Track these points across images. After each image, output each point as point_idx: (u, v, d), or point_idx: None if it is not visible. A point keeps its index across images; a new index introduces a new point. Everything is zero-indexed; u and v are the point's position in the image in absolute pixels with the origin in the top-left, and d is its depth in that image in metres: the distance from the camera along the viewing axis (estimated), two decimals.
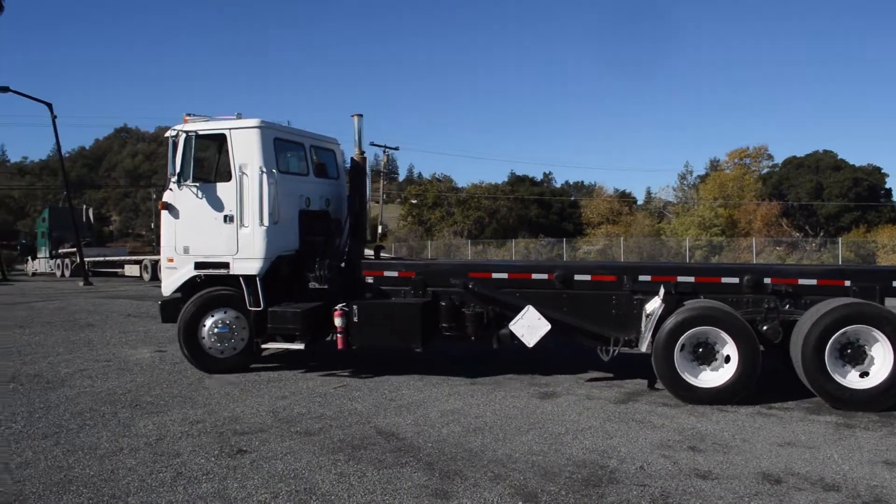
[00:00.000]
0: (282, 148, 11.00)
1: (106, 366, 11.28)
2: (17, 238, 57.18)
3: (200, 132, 10.58)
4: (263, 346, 10.71)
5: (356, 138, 11.79)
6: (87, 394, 9.30)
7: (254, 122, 10.50)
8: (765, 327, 9.13)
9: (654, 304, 9.39)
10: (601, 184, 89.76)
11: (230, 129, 10.50)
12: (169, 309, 11.02)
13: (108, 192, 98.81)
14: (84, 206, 55.59)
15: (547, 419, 8.14)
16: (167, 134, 10.70)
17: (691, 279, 9.77)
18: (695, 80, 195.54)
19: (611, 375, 10.47)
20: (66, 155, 74.38)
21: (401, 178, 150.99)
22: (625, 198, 74.33)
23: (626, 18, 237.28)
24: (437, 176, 79.89)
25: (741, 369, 8.74)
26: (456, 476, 6.26)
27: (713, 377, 8.89)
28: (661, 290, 9.44)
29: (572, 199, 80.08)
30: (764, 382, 9.35)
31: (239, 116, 10.67)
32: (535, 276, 10.33)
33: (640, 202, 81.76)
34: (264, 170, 10.26)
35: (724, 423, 7.93)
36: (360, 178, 11.66)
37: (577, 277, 10.15)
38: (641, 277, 9.91)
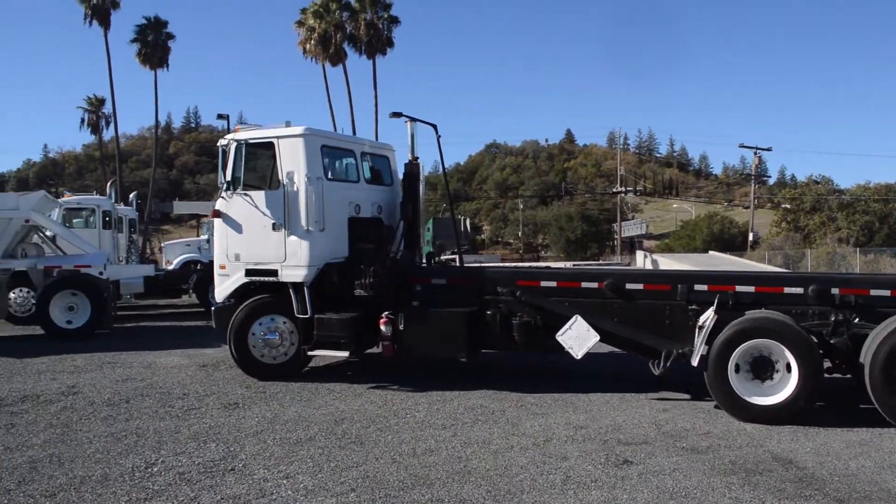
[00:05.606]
0: (330, 155, 11.00)
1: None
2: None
3: (250, 141, 10.66)
4: (310, 353, 10.64)
5: (409, 144, 11.64)
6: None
7: (299, 129, 10.52)
8: (832, 341, 8.55)
9: (706, 315, 8.82)
10: None
11: (277, 137, 10.56)
12: (222, 315, 11.11)
13: (480, 204, 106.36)
14: (461, 217, 60.82)
15: None
16: (218, 143, 10.87)
17: (751, 289, 9.15)
18: None
19: (688, 396, 9.57)
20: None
21: (772, 181, 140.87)
22: None
23: None
24: (814, 177, 72.91)
25: (801, 386, 8.12)
26: None
27: (771, 394, 8.30)
28: (716, 301, 8.86)
29: None
30: None
31: (288, 124, 10.73)
32: (584, 284, 9.95)
33: None
34: (310, 177, 10.25)
35: None
36: (413, 185, 11.57)
37: (629, 286, 9.66)
38: (697, 287, 9.35)
